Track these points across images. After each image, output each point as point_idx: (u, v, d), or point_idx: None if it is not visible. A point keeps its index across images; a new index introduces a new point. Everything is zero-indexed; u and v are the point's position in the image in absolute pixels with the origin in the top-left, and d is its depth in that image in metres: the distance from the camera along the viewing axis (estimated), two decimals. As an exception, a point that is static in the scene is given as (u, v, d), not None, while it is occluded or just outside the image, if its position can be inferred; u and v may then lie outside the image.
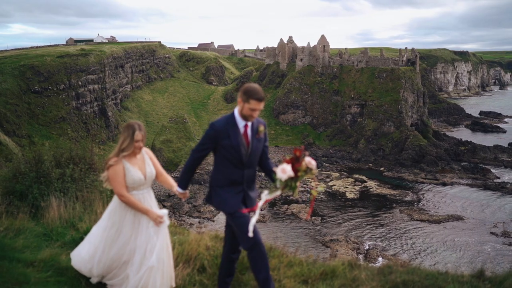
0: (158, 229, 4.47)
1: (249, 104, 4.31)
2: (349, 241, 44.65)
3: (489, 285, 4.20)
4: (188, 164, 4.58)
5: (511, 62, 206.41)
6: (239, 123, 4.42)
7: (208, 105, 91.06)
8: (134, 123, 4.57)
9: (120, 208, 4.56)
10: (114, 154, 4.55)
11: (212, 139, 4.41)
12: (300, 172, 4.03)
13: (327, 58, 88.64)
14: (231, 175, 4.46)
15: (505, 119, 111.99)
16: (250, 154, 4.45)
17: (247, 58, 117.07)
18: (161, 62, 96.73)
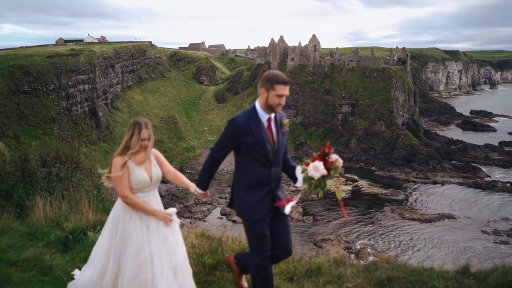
0: (171, 228, 4.21)
1: (275, 90, 3.96)
2: (341, 241, 44.76)
3: (473, 280, 4.21)
4: (207, 165, 4.21)
5: (501, 61, 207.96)
6: (262, 117, 4.06)
7: (199, 105, 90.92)
8: (141, 120, 4.32)
9: (124, 211, 4.24)
10: (118, 152, 4.27)
11: (233, 137, 4.03)
12: (333, 170, 3.74)
13: (318, 57, 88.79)
14: (258, 175, 4.08)
15: (495, 118, 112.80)
16: (276, 150, 4.09)
17: (238, 58, 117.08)
18: (152, 62, 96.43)
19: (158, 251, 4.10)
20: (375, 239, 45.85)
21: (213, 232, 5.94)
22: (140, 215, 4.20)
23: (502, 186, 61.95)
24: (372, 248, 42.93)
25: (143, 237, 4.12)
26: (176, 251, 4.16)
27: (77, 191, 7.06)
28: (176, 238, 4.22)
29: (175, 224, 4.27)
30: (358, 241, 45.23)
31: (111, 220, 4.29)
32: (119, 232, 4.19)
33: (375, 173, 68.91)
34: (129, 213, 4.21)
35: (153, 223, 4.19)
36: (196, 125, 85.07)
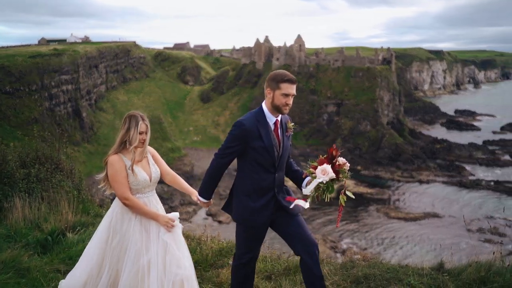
0: (172, 235, 3.84)
1: (280, 89, 3.72)
2: (327, 240, 44.98)
3: (447, 277, 4.27)
4: (211, 171, 3.90)
5: (485, 61, 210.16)
6: (269, 119, 3.80)
7: (184, 105, 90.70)
8: (136, 113, 3.97)
9: (123, 214, 3.89)
10: (114, 150, 3.95)
11: (240, 141, 3.75)
12: (342, 174, 3.57)
13: (304, 57, 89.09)
14: (262, 181, 3.83)
15: (479, 117, 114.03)
16: (281, 155, 3.85)
17: (223, 57, 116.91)
18: (136, 62, 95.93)
19: (156, 259, 3.75)
20: (359, 238, 46.14)
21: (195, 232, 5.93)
22: (140, 219, 3.88)
23: (486, 184, 62.72)
24: (358, 247, 43.21)
25: (142, 243, 3.81)
26: (182, 263, 3.79)
27: (57, 192, 6.99)
28: (180, 248, 3.87)
29: (177, 230, 3.92)
30: (344, 240, 45.50)
31: (107, 222, 3.94)
32: (117, 235, 3.85)
33: (360, 172, 69.36)
34: (128, 216, 3.88)
35: (154, 228, 3.87)
36: (181, 126, 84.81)
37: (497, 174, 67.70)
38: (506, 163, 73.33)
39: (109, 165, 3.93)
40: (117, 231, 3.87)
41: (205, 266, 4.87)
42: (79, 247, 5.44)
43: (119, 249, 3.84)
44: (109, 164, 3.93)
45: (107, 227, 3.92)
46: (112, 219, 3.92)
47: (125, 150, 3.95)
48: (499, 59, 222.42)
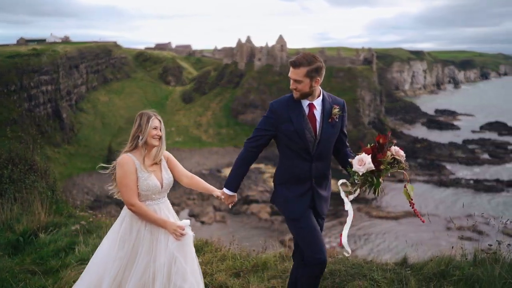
0: (181, 244, 3.54)
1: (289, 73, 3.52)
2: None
3: (410, 271, 4.37)
4: (241, 157, 3.66)
5: (464, 61, 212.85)
6: (302, 102, 3.56)
7: (166, 106, 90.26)
8: (149, 111, 3.75)
9: (132, 223, 3.61)
10: (128, 148, 3.67)
11: (271, 124, 3.57)
12: (384, 165, 3.24)
13: (285, 57, 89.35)
14: (296, 169, 3.59)
15: (459, 117, 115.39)
16: (319, 142, 3.54)
17: (205, 58, 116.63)
18: (117, 62, 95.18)
19: (162, 271, 3.48)
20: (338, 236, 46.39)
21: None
22: (150, 228, 3.59)
23: (466, 183, 63.54)
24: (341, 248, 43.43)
25: (151, 255, 3.54)
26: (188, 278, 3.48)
27: (30, 193, 6.96)
28: (188, 260, 3.56)
29: (187, 240, 3.59)
30: (326, 240, 45.68)
31: (116, 230, 3.67)
32: (125, 245, 3.57)
33: (342, 172, 69.59)
34: (137, 225, 3.60)
35: (162, 237, 3.57)
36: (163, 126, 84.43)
37: (476, 173, 68.60)
38: (485, 161, 74.39)
39: (118, 165, 3.62)
40: (125, 240, 3.60)
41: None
42: (51, 247, 5.44)
43: (126, 260, 3.56)
44: (118, 165, 3.62)
45: (115, 236, 3.66)
46: (121, 228, 3.65)
47: (137, 150, 3.67)
48: (478, 59, 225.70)
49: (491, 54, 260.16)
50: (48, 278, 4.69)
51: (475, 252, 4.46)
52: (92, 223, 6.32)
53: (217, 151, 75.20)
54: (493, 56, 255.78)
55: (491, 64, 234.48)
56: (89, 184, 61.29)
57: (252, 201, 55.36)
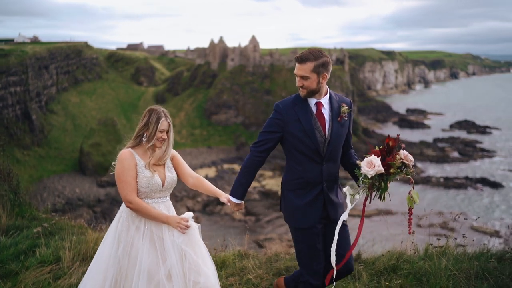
0: (188, 238, 3.36)
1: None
2: (283, 240, 45.41)
3: (362, 266, 4.51)
4: (248, 163, 3.44)
5: (434, 61, 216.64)
6: (309, 101, 3.40)
7: (138, 107, 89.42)
8: (159, 108, 3.52)
9: (129, 220, 3.42)
10: (131, 144, 3.53)
11: (277, 125, 3.37)
12: (393, 169, 3.14)
13: (258, 58, 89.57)
14: (306, 173, 3.38)
15: (429, 116, 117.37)
16: (329, 142, 3.38)
17: (178, 58, 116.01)
18: (88, 63, 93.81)
19: (176, 269, 3.29)
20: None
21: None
22: (150, 226, 3.39)
23: (436, 181, 64.68)
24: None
25: (157, 255, 3.32)
26: (203, 270, 3.34)
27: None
28: (198, 252, 3.40)
29: (193, 232, 3.43)
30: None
31: (113, 229, 3.49)
32: (121, 244, 3.38)
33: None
34: (135, 223, 3.41)
35: (167, 234, 3.38)
36: (135, 127, 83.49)
37: (446, 171, 69.88)
38: (454, 159, 75.82)
39: (118, 160, 3.47)
40: (122, 240, 3.39)
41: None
42: (11, 250, 5.40)
43: (126, 262, 3.34)
44: (118, 160, 3.47)
45: (112, 235, 3.47)
46: (118, 226, 3.46)
47: (141, 146, 3.52)
48: (447, 59, 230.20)
49: (460, 55, 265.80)
50: (7, 281, 4.66)
51: (426, 246, 4.62)
52: (55, 225, 6.29)
53: (191, 152, 74.93)
54: (462, 56, 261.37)
55: (460, 64, 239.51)
56: (60, 186, 60.35)
57: (226, 202, 55.34)
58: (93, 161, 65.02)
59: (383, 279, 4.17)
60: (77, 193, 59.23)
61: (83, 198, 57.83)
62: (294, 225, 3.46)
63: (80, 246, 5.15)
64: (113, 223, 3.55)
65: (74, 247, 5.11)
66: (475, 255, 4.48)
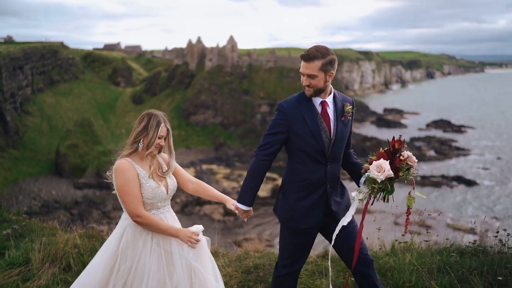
0: (198, 253, 3.16)
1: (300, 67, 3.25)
2: (262, 239, 45.52)
3: (328, 261, 4.59)
4: (254, 168, 3.32)
5: (410, 61, 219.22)
6: (314, 100, 3.31)
7: (115, 107, 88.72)
8: (158, 112, 3.32)
9: (135, 235, 3.16)
10: (127, 152, 3.24)
11: (283, 126, 3.25)
12: (402, 172, 3.09)
13: (236, 58, 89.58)
14: (310, 174, 3.28)
15: (406, 115, 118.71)
16: (334, 142, 3.30)
17: (155, 58, 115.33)
18: (64, 63, 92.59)
19: (183, 284, 3.09)
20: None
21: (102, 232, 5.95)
22: (158, 240, 3.17)
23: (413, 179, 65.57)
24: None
25: (163, 270, 3.11)
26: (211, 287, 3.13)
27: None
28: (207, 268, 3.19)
29: (203, 246, 3.22)
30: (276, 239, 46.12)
31: (114, 245, 3.19)
32: (127, 262, 3.11)
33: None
34: (142, 237, 3.16)
35: (175, 248, 3.17)
36: (113, 128, 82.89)
37: (423, 169, 70.81)
38: (431, 158, 76.89)
39: (117, 172, 3.16)
40: (127, 257, 3.13)
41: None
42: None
43: (131, 280, 3.09)
44: (117, 172, 3.17)
45: (114, 251, 3.17)
46: (122, 242, 3.17)
47: (136, 154, 3.25)
48: (423, 59, 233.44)
49: (435, 55, 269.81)
50: (-26, 284, 4.63)
51: (392, 243, 4.72)
52: (26, 227, 6.24)
53: (169, 152, 74.52)
54: (437, 57, 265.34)
55: (436, 64, 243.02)
56: (35, 189, 59.45)
57: (205, 202, 55.19)
58: (70, 163, 64.19)
59: (349, 275, 4.25)
60: (54, 195, 58.41)
61: (59, 200, 57.04)
62: (292, 226, 3.35)
63: (50, 247, 5.12)
64: (113, 239, 3.23)
65: (44, 248, 5.08)
66: (438, 250, 4.60)
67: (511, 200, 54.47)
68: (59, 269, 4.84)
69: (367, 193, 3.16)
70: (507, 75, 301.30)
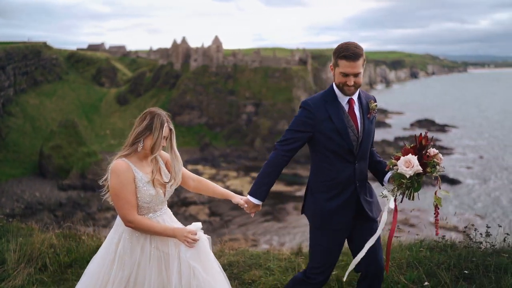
0: (196, 252, 3.00)
1: (339, 67, 3.13)
2: (247, 239, 45.56)
3: (303, 259, 4.67)
4: (272, 162, 3.22)
5: (395, 61, 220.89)
6: (340, 98, 3.23)
7: (100, 108, 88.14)
8: (161, 111, 3.18)
9: (133, 240, 3.01)
10: (123, 152, 3.08)
11: (307, 124, 3.16)
12: (430, 168, 3.04)
13: (221, 58, 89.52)
14: (339, 174, 3.21)
15: (390, 115, 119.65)
16: (361, 140, 3.23)
17: (140, 59, 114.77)
18: (47, 63, 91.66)
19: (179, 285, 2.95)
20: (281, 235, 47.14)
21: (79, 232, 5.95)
22: (156, 243, 3.02)
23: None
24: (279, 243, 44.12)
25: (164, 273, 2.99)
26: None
27: None
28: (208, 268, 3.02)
29: (202, 245, 3.06)
30: (264, 238, 46.22)
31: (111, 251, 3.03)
32: (126, 269, 2.95)
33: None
34: (140, 243, 3.01)
35: (172, 249, 3.04)
36: (97, 129, 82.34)
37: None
38: (414, 157, 77.69)
39: (112, 173, 2.99)
40: (125, 264, 2.97)
41: (82, 263, 4.97)
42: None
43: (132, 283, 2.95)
44: (112, 172, 2.99)
45: (111, 258, 3.01)
46: (119, 248, 3.01)
47: (135, 154, 3.09)
48: (407, 59, 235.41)
49: (419, 55, 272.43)
50: None
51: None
52: (2, 228, 6.23)
53: (154, 153, 74.24)
54: (421, 57, 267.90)
55: (420, 64, 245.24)
56: (19, 191, 58.84)
57: (191, 203, 55.14)
58: (54, 164, 63.61)
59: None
60: (37, 197, 57.84)
61: (43, 202, 56.51)
62: (324, 227, 3.24)
63: (26, 247, 5.12)
64: (109, 241, 3.10)
65: (20, 248, 5.08)
66: (408, 246, 4.71)
67: (491, 198, 55.31)
68: (35, 269, 4.86)
69: (395, 189, 3.11)
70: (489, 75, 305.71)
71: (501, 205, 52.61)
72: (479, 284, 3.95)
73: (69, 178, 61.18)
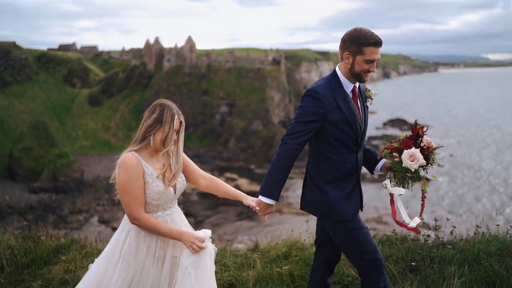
0: (197, 260, 2.80)
1: (364, 55, 3.00)
2: (222, 239, 45.57)
3: (258, 254, 4.76)
4: (283, 157, 3.04)
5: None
6: (346, 86, 3.11)
7: (72, 109, 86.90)
8: (171, 103, 3.04)
9: (139, 239, 2.89)
10: (132, 146, 2.94)
11: (319, 114, 3.01)
12: (431, 159, 3.03)
13: (195, 58, 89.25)
14: (345, 163, 3.11)
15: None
16: (364, 129, 3.19)
17: (112, 59, 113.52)
18: (17, 63, 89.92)
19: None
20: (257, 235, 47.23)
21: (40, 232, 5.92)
22: (162, 244, 2.91)
23: (370, 177, 66.87)
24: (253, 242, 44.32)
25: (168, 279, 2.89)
26: None
27: None
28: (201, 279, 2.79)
29: (205, 254, 2.85)
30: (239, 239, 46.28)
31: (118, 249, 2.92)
32: (130, 269, 2.83)
33: (254, 171, 70.83)
34: (146, 242, 2.88)
35: (169, 252, 2.95)
36: (69, 130, 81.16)
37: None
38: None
39: (120, 167, 2.86)
40: (130, 264, 2.85)
41: (39, 263, 4.96)
42: None
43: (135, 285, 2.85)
44: (120, 166, 2.86)
45: (117, 257, 2.90)
46: (125, 246, 2.90)
47: (145, 149, 2.94)
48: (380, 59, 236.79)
49: (391, 55, 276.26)
50: None
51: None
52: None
53: (127, 154, 73.56)
54: (393, 57, 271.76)
55: (392, 64, 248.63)
56: (-13, 194, 57.66)
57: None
58: (24, 166, 62.50)
59: (275, 266, 4.42)
60: (7, 201, 56.68)
61: (13, 205, 55.43)
62: (337, 219, 3.11)
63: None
64: (116, 240, 2.97)
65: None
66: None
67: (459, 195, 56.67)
68: (-9, 270, 4.83)
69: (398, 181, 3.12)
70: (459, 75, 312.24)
71: (467, 201, 54.03)
72: (424, 275, 4.11)
73: (40, 181, 60.23)
